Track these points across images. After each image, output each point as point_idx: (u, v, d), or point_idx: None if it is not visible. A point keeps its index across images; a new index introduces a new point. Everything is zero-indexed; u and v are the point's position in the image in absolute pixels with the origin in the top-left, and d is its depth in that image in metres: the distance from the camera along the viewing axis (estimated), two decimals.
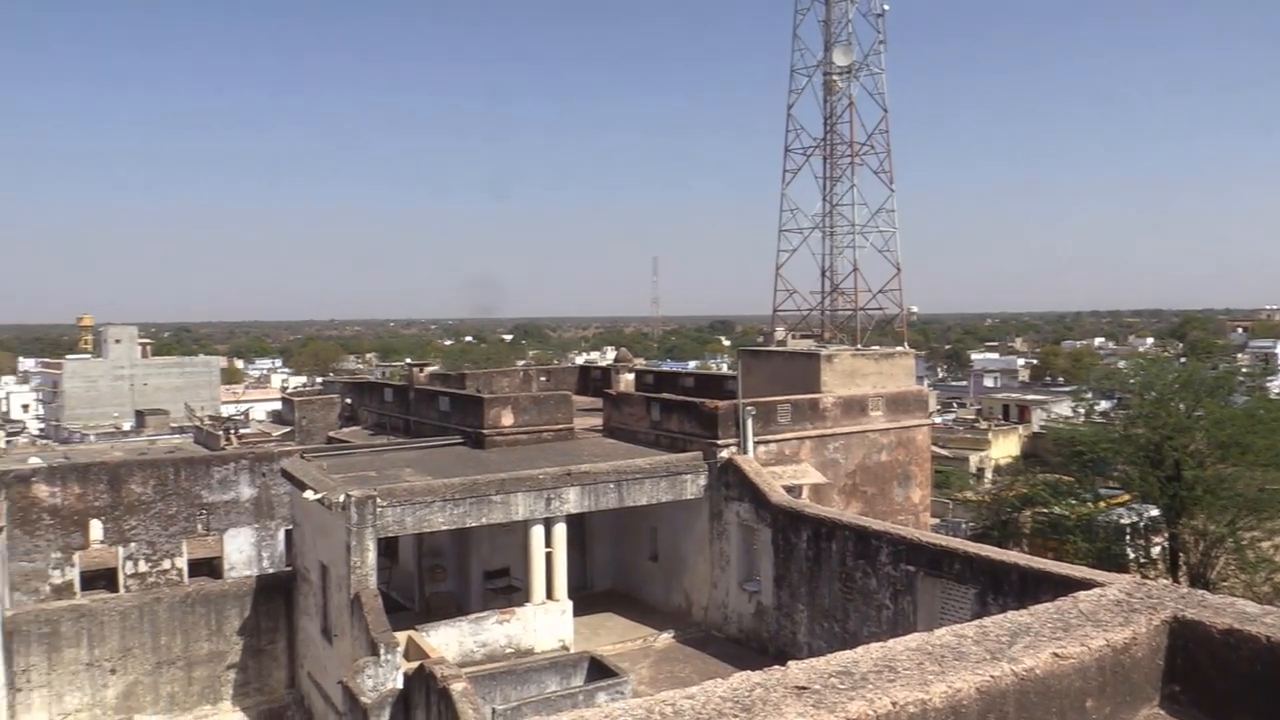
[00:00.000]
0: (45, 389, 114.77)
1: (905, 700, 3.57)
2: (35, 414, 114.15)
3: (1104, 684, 4.17)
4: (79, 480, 28.82)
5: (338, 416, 38.20)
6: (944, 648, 4.11)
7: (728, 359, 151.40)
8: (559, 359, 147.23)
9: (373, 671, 18.49)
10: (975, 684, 3.75)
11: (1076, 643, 4.15)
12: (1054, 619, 4.47)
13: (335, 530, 20.66)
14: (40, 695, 22.87)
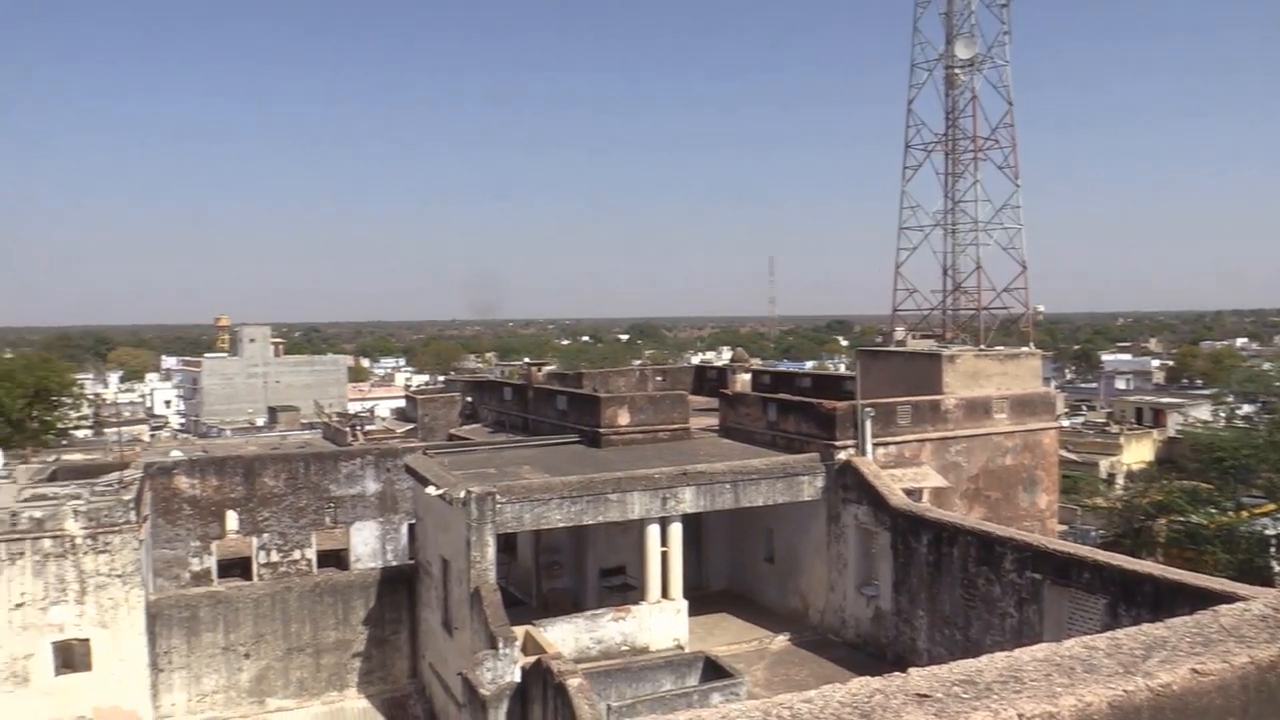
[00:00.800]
0: (186, 386, 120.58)
1: (1032, 713, 3.45)
2: (176, 409, 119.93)
3: (1247, 703, 3.95)
4: (216, 473, 30.17)
5: (458, 414, 39.03)
6: (1073, 659, 3.96)
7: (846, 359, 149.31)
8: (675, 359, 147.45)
9: (491, 664, 18.84)
10: (1107, 698, 3.60)
11: (1217, 659, 3.94)
12: (1192, 633, 4.26)
13: (456, 525, 21.12)
14: (180, 676, 24.04)
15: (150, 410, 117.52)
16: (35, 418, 53.94)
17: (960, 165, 33.12)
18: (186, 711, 23.98)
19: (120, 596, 23.20)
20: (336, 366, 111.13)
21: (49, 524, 22.84)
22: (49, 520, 22.88)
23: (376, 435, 43.19)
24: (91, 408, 67.68)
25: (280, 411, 69.69)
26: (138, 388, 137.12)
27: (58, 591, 22.78)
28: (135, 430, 78.11)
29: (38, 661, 22.67)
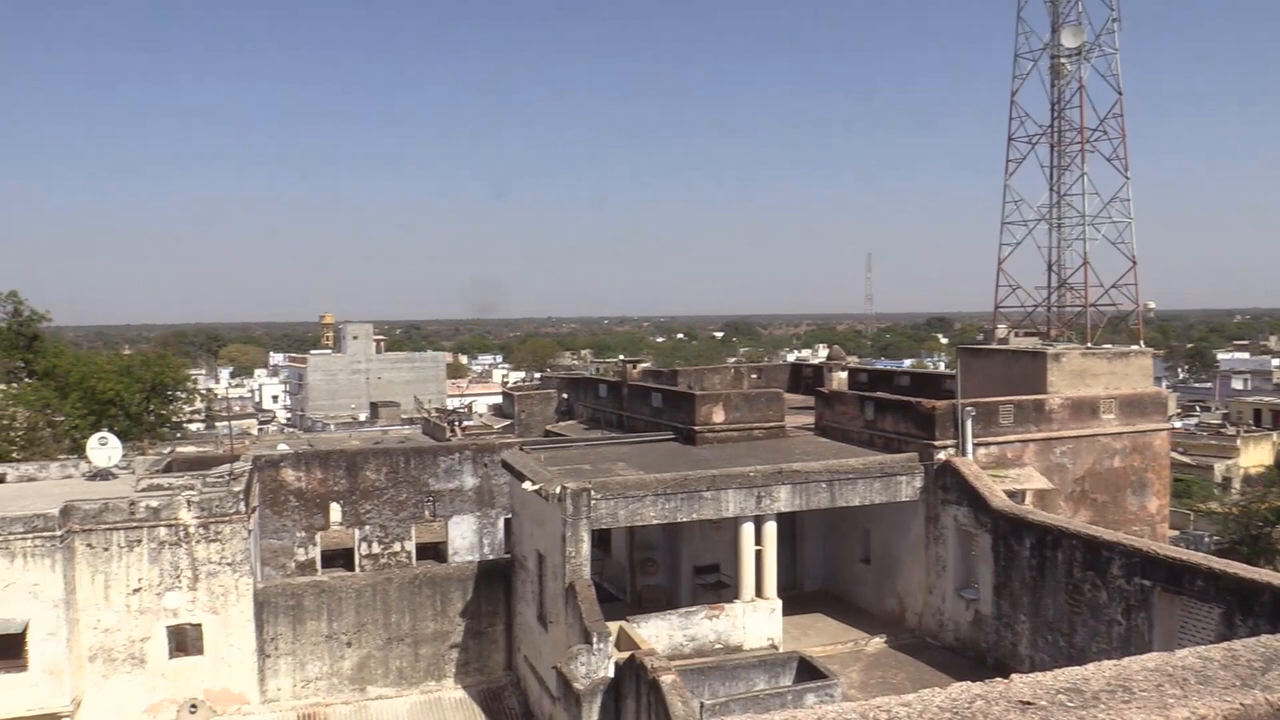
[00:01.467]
0: (292, 381, 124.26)
1: None
2: (283, 404, 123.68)
3: None
4: (321, 466, 31.04)
5: (555, 410, 39.40)
6: (1186, 670, 3.80)
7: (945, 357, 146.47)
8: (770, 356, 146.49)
9: (585, 659, 18.98)
10: (1223, 711, 3.44)
11: None
12: None
13: (552, 520, 21.33)
14: (286, 662, 24.80)
15: (259, 405, 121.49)
16: (152, 411, 56.15)
17: (1066, 158, 32.16)
18: (291, 696, 24.73)
19: (230, 584, 24.04)
20: (436, 363, 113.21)
21: (164, 513, 23.79)
22: (164, 510, 23.83)
23: (474, 431, 43.88)
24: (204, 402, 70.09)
25: (381, 407, 71.31)
26: (247, 383, 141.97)
27: (172, 578, 23.71)
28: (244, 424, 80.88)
29: (154, 644, 23.64)
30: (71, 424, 48.43)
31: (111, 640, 23.40)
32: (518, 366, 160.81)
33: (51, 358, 55.23)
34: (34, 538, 22.36)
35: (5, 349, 55.03)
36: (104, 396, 52.01)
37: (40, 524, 22.49)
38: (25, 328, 55.05)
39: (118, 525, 23.43)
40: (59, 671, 22.45)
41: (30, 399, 48.60)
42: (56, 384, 52.37)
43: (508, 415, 43.95)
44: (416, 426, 51.49)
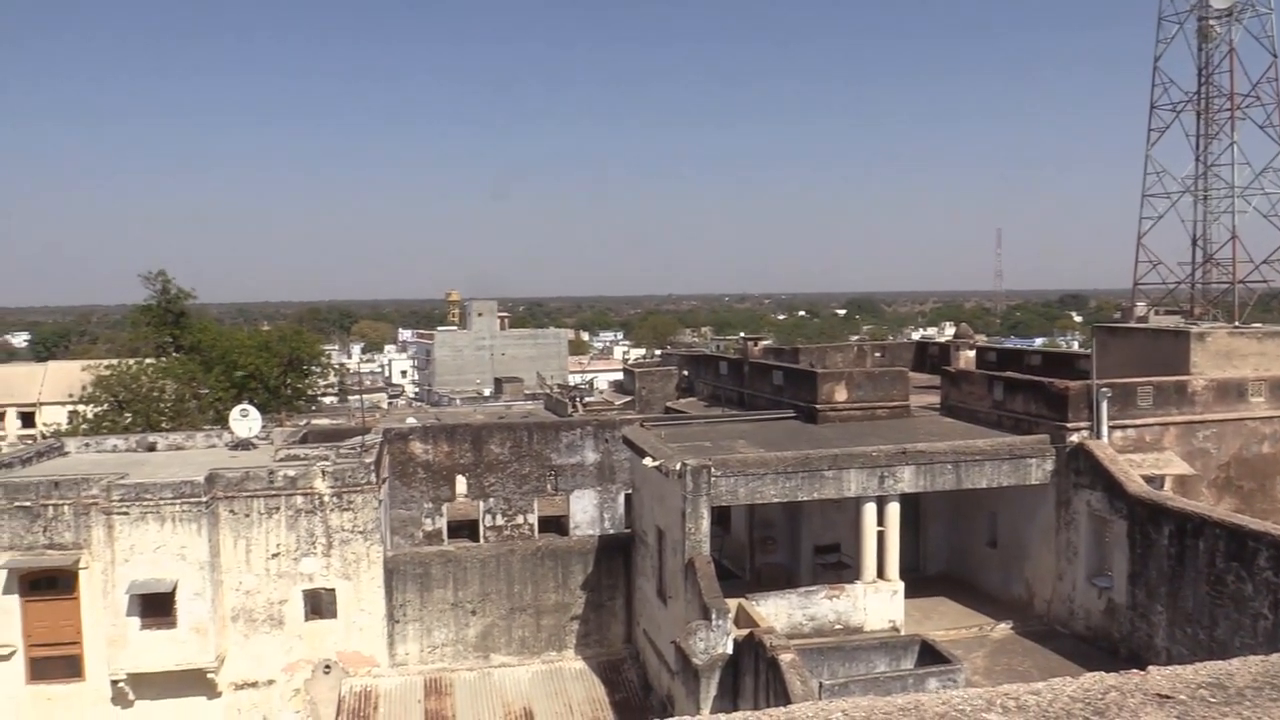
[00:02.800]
0: (420, 357, 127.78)
1: None
2: (411, 379, 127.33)
3: None
4: (448, 439, 31.86)
5: (675, 387, 39.50)
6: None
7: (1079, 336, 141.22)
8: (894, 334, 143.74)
9: (704, 635, 19.05)
10: None
11: None
12: None
13: (672, 497, 21.43)
14: (414, 628, 25.63)
15: (388, 379, 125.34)
16: (289, 385, 58.53)
17: (1214, 126, 30.47)
18: (419, 661, 25.55)
19: (361, 551, 24.94)
20: (558, 340, 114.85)
21: (301, 482, 24.80)
22: (301, 479, 24.84)
23: (595, 407, 44.32)
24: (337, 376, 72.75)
25: (505, 382, 72.57)
26: (377, 358, 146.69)
27: (307, 544, 24.73)
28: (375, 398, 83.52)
29: (291, 607, 24.73)
30: (215, 396, 50.88)
31: (252, 602, 24.57)
32: (638, 343, 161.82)
33: (196, 333, 58.08)
34: (182, 503, 23.62)
35: (155, 325, 58.10)
36: (245, 370, 54.44)
37: (187, 491, 23.74)
38: (173, 305, 57.98)
39: (258, 493, 24.54)
40: (204, 629, 23.70)
41: (177, 372, 51.21)
42: (201, 358, 55.06)
43: (628, 392, 44.26)
44: (539, 402, 52.31)
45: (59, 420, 60.08)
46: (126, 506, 23.48)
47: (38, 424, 72.35)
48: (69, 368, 75.54)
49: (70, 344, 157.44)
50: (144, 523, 23.49)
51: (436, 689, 24.67)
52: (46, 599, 23.82)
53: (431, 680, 25.01)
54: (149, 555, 23.51)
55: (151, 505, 23.53)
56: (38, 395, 78.95)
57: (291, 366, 58.94)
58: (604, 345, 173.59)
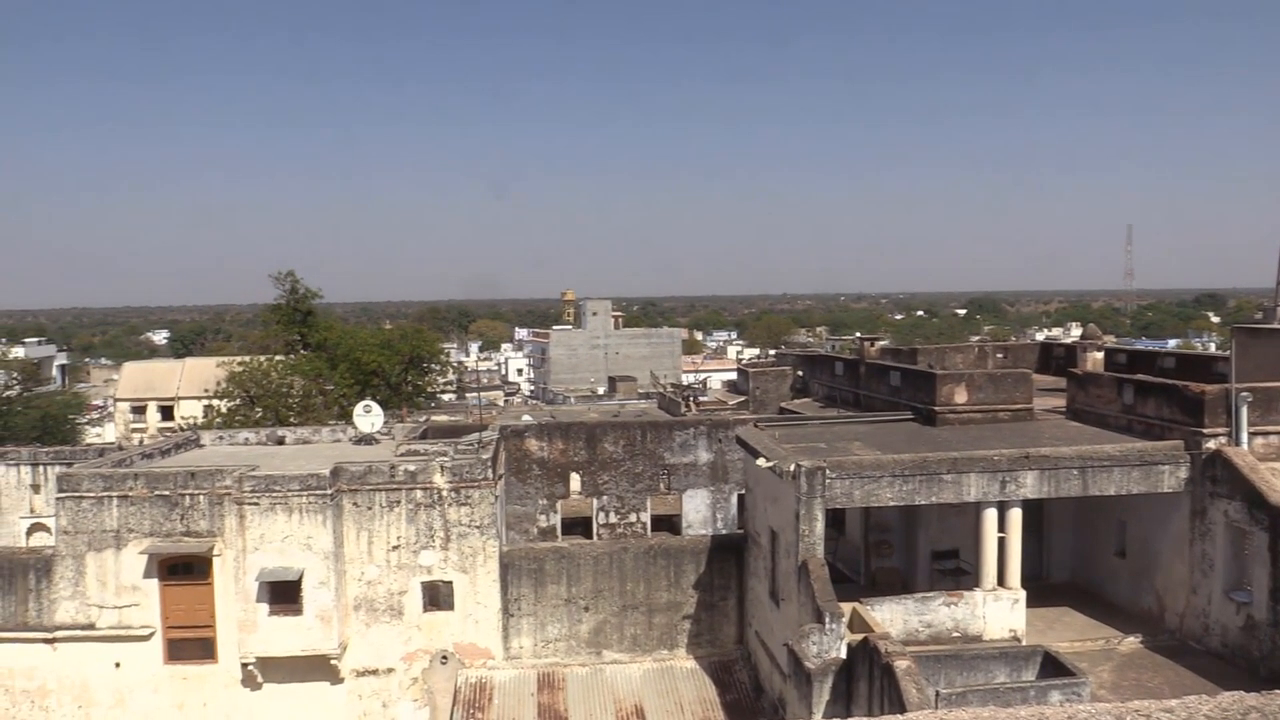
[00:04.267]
0: (535, 355, 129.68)
1: None
2: (527, 377, 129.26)
3: None
4: (562, 437, 32.23)
5: (789, 388, 39.15)
6: None
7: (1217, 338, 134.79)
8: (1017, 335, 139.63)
9: (817, 638, 18.82)
10: None
11: None
12: None
13: (785, 498, 21.24)
14: (528, 622, 26.01)
15: (505, 377, 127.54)
16: (409, 382, 60.08)
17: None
18: (532, 655, 25.92)
19: (478, 545, 25.44)
20: (672, 339, 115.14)
21: (420, 477, 25.43)
22: (421, 474, 25.47)
23: (709, 406, 44.23)
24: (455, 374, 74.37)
25: (619, 381, 73.04)
26: (494, 356, 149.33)
27: (426, 537, 25.35)
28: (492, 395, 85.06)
29: (410, 598, 25.38)
30: (340, 392, 52.54)
31: (373, 592, 25.31)
32: (752, 343, 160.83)
33: (323, 332, 60.05)
34: (308, 495, 24.48)
35: (284, 324, 60.31)
36: (368, 367, 56.11)
37: (314, 483, 24.59)
38: (301, 304, 60.07)
39: (380, 487, 25.27)
40: (328, 617, 24.51)
41: (305, 369, 53.08)
42: (327, 356, 56.94)
43: (742, 392, 44.05)
44: (652, 401, 52.48)
45: (195, 414, 62.91)
46: (257, 497, 24.46)
47: (176, 417, 75.88)
48: (204, 364, 79.11)
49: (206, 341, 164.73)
50: (273, 513, 24.44)
51: (549, 683, 25.00)
52: (183, 584, 24.99)
53: (544, 674, 25.35)
54: (277, 544, 24.44)
55: (280, 496, 24.45)
56: (176, 390, 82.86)
57: (412, 364, 60.49)
58: (718, 345, 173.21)
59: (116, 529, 24.76)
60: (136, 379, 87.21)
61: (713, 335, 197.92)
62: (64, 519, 25.09)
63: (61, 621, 25.00)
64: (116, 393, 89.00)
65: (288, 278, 59.79)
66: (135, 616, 24.90)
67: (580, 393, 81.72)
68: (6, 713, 25.37)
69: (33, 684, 25.31)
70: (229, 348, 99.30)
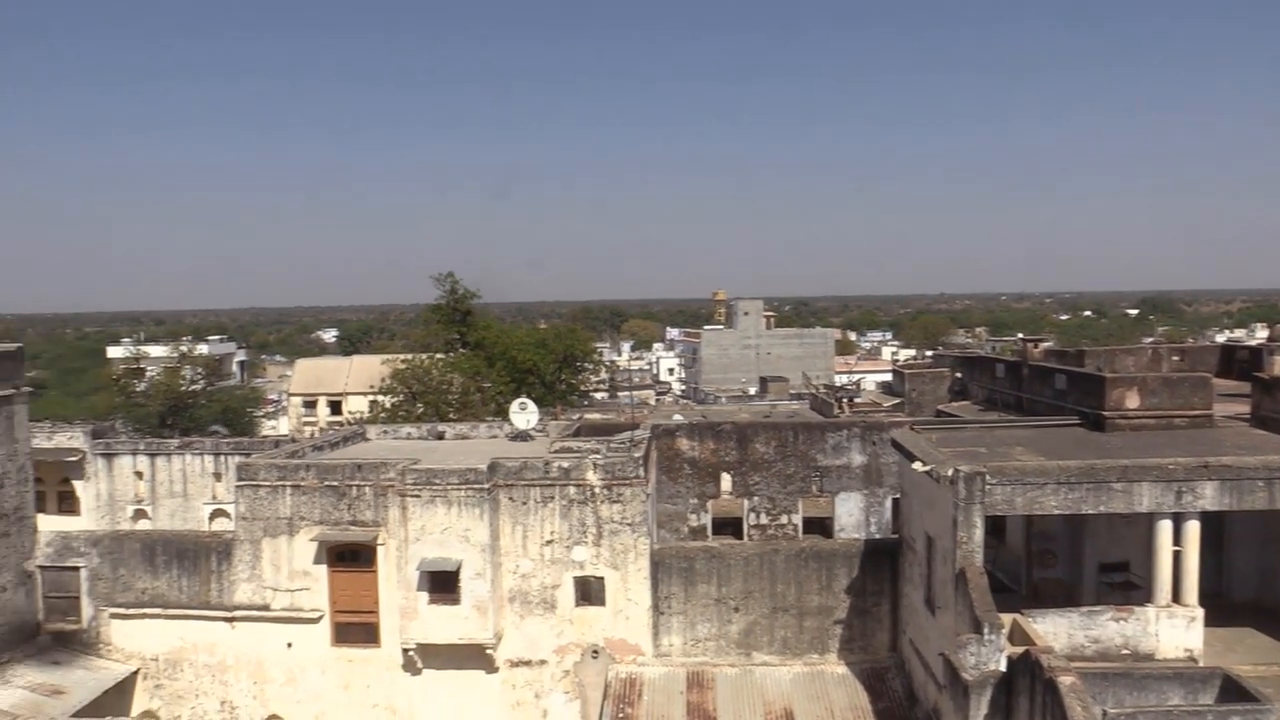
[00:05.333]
0: (686, 355, 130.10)
1: None
2: (678, 377, 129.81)
3: None
4: (713, 437, 32.21)
5: (947, 390, 38.14)
6: None
7: None
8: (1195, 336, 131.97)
9: (975, 649, 18.22)
10: None
11: None
12: None
13: (942, 503, 20.65)
14: (678, 620, 26.09)
15: (656, 376, 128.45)
16: (563, 380, 61.20)
17: None
18: (681, 653, 25.99)
19: (629, 543, 25.68)
20: (824, 339, 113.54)
21: (574, 474, 25.85)
22: (574, 471, 25.89)
23: (863, 408, 43.47)
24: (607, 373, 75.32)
25: (770, 381, 72.52)
26: (646, 356, 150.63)
27: (579, 533, 25.75)
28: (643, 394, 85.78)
29: (563, 592, 25.84)
30: (497, 390, 53.97)
31: (527, 585, 25.87)
32: (908, 344, 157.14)
33: (480, 331, 61.80)
34: (466, 489, 25.22)
35: (444, 323, 62.38)
36: (523, 366, 57.43)
37: (472, 477, 25.32)
38: (460, 304, 62.00)
39: (534, 482, 25.81)
40: (484, 608, 25.19)
41: (464, 367, 54.75)
42: (485, 354, 58.56)
43: (897, 393, 43.12)
44: (804, 402, 51.91)
45: (361, 408, 65.76)
46: (418, 490, 25.35)
47: (343, 411, 79.49)
48: (370, 361, 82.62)
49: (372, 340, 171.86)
50: (433, 505, 25.28)
51: (698, 682, 25.02)
52: (349, 570, 26.13)
53: (694, 673, 25.38)
54: (437, 535, 25.27)
55: (440, 489, 25.28)
56: (344, 386, 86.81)
57: (566, 363, 61.60)
58: (872, 345, 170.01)
59: (289, 516, 26.12)
60: (308, 375, 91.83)
61: (867, 336, 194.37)
62: (242, 506, 26.63)
63: (239, 602, 26.54)
64: (290, 388, 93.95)
65: (448, 279, 61.80)
66: (306, 600, 26.20)
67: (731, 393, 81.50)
68: (190, 685, 27.10)
69: (214, 659, 26.97)
70: (393, 346, 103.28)
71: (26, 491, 27.53)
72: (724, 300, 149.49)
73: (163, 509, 34.55)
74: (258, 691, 26.72)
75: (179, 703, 27.14)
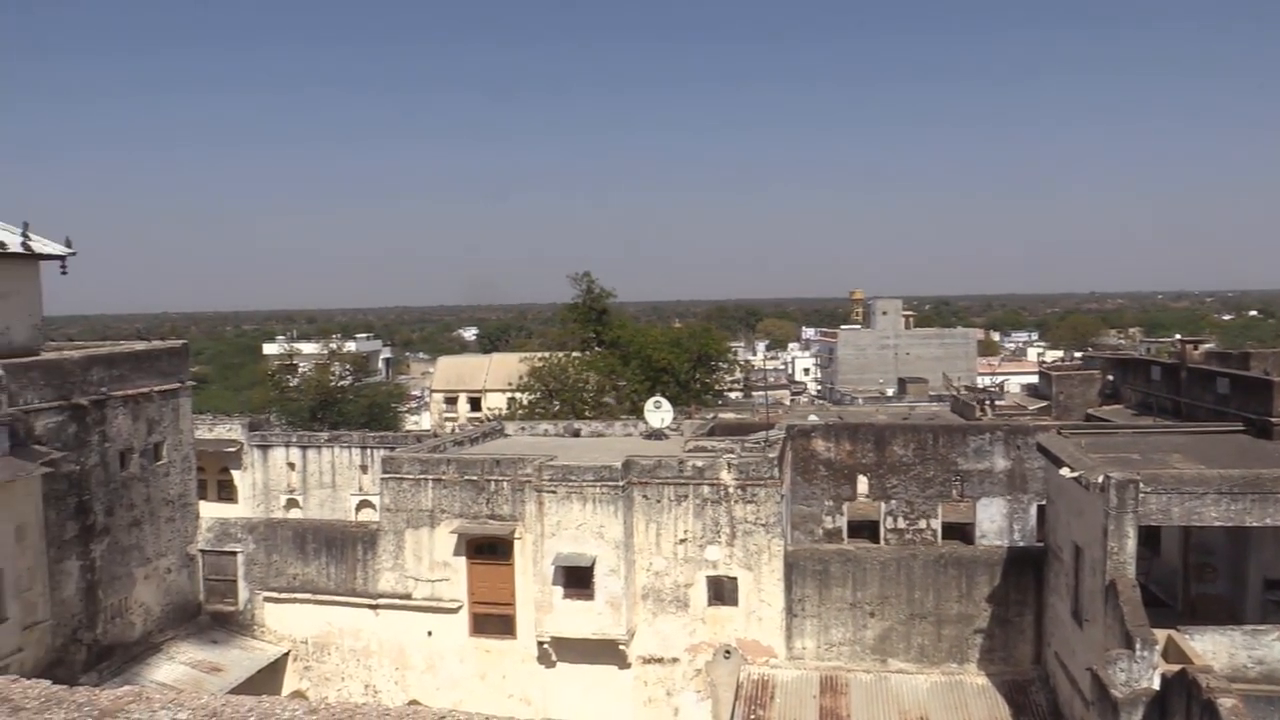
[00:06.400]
0: (822, 355, 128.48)
1: None
2: (814, 377, 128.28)
3: None
4: (850, 438, 31.68)
5: (1097, 393, 36.57)
6: None
7: None
8: None
9: (1126, 665, 17.39)
10: None
11: None
12: None
13: (1091, 511, 19.79)
14: (811, 624, 25.76)
15: (791, 376, 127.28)
16: (698, 379, 61.19)
17: None
18: (815, 657, 25.65)
19: (763, 543, 25.49)
20: (966, 340, 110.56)
21: (708, 473, 25.82)
22: (708, 470, 25.85)
23: (1006, 411, 42.08)
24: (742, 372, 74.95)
25: (909, 382, 71.01)
26: (781, 355, 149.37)
27: (712, 533, 25.70)
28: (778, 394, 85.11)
29: (695, 591, 25.83)
30: (631, 388, 54.37)
31: (660, 583, 25.96)
32: (1055, 345, 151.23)
33: (616, 330, 62.33)
34: (602, 486, 25.48)
35: (580, 322, 63.16)
36: (658, 365, 57.67)
37: (607, 475, 25.56)
38: (596, 303, 62.66)
39: (668, 481, 25.89)
40: (618, 605, 25.40)
41: (599, 365, 55.36)
42: (620, 353, 59.05)
43: (1044, 396, 41.58)
44: (944, 404, 50.58)
45: (500, 405, 67.25)
46: (554, 486, 25.75)
47: (483, 408, 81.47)
48: (508, 359, 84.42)
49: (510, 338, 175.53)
50: (568, 501, 25.63)
51: (832, 687, 24.65)
52: (487, 563, 26.74)
53: (827, 677, 25.02)
54: (572, 531, 25.61)
55: (575, 486, 25.61)
56: (483, 383, 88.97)
57: (700, 362, 61.57)
58: (1016, 346, 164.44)
59: (431, 509, 26.90)
60: (449, 372, 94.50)
61: (1011, 336, 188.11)
62: (386, 497, 27.56)
63: (383, 590, 27.47)
64: (432, 384, 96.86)
65: (584, 278, 62.54)
66: (446, 590, 26.94)
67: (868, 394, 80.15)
68: (337, 668, 28.21)
69: (359, 644, 28.01)
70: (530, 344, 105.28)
71: (190, 480, 29.15)
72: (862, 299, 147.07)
73: (313, 499, 36.04)
74: (399, 677, 27.62)
75: (326, 684, 28.29)
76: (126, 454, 26.24)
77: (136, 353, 27.30)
